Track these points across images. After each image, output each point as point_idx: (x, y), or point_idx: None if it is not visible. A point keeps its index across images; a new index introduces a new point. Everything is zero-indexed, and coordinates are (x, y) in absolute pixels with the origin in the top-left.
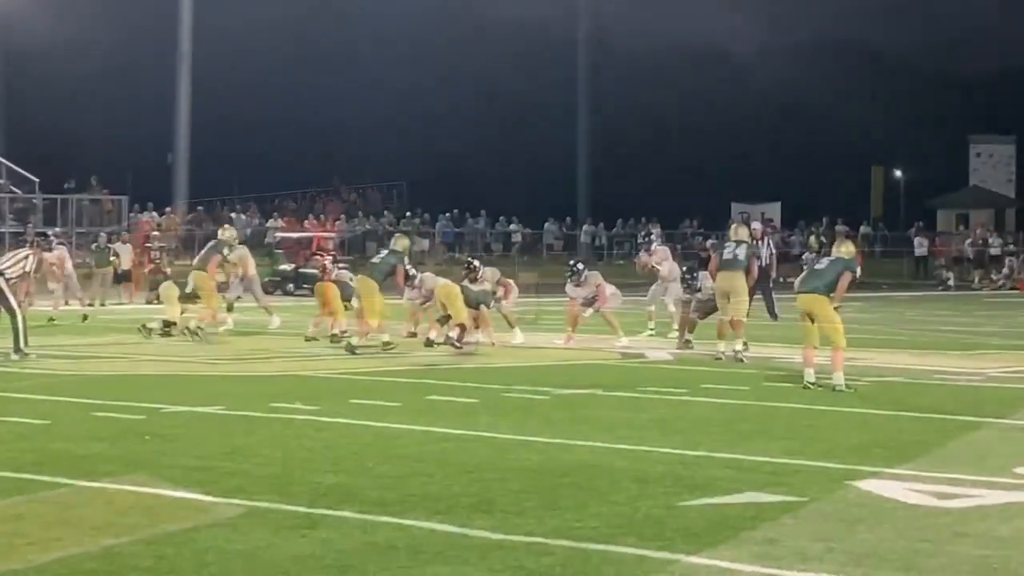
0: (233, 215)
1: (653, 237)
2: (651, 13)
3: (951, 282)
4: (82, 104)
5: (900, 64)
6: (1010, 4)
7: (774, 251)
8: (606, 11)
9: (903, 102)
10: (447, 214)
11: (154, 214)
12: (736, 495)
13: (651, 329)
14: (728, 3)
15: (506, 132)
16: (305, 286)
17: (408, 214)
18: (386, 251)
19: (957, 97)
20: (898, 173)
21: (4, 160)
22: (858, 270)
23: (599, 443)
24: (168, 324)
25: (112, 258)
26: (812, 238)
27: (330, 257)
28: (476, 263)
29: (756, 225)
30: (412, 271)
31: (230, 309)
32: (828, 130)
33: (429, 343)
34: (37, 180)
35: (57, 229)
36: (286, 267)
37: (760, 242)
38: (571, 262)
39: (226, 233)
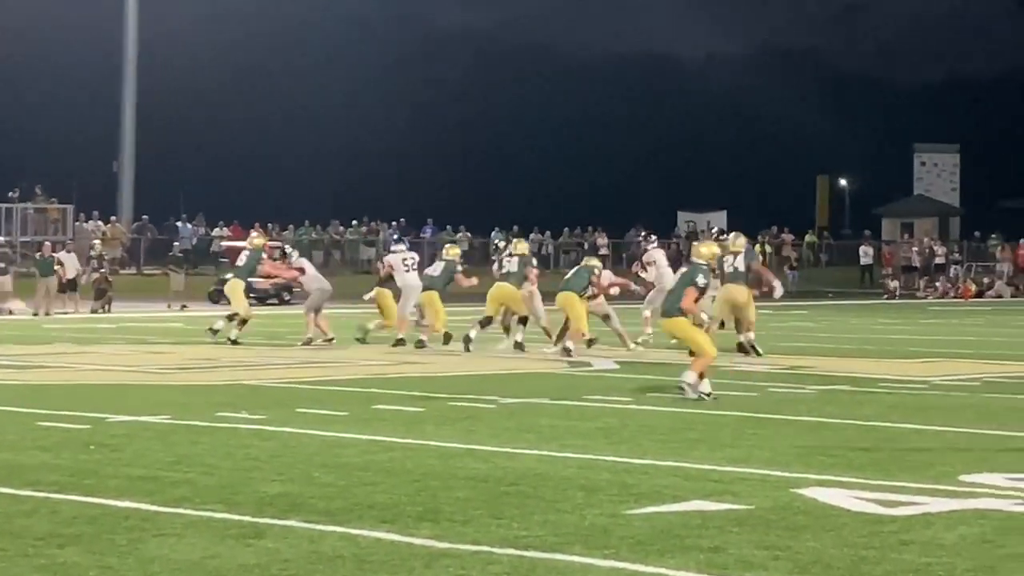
0: (179, 224)
1: (652, 241)
2: (599, 21)
3: (896, 291)
4: (27, 113)
5: (846, 74)
6: (953, 16)
7: None
8: (554, 19)
9: (848, 111)
10: (394, 223)
11: (99, 223)
12: (682, 503)
13: (648, 335)
14: (676, 11)
15: (452, 140)
16: (252, 295)
17: (354, 223)
18: (442, 262)
19: (902, 106)
20: (843, 182)
21: None
22: (700, 279)
23: (545, 452)
24: (233, 317)
25: (56, 267)
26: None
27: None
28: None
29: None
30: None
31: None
32: (774, 139)
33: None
34: None
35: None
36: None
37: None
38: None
39: (256, 240)
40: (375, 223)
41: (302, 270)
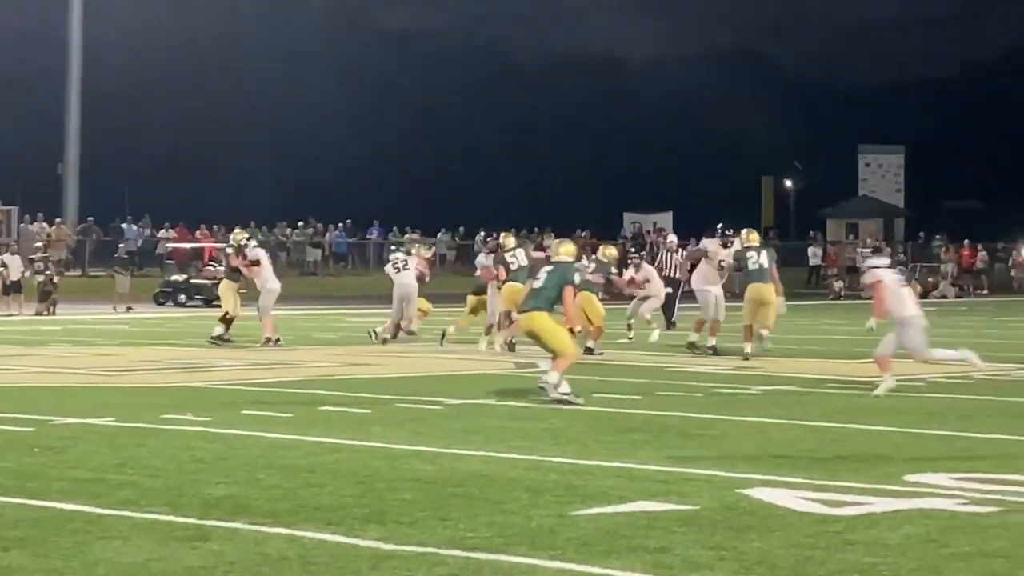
0: (125, 225)
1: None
2: (545, 23)
3: (842, 291)
4: None
5: (791, 75)
6: (896, 19)
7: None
8: (500, 21)
9: (794, 113)
10: (341, 224)
11: (44, 225)
12: (628, 504)
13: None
14: (621, 14)
15: (399, 142)
16: (198, 296)
17: (301, 224)
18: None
19: (846, 108)
20: (788, 183)
21: None
22: (576, 277)
23: (492, 453)
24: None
25: (0, 269)
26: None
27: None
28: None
29: (671, 237)
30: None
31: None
32: (720, 140)
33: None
34: None
35: None
36: (177, 277)
37: (674, 254)
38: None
39: (237, 236)
40: (321, 225)
41: (257, 261)
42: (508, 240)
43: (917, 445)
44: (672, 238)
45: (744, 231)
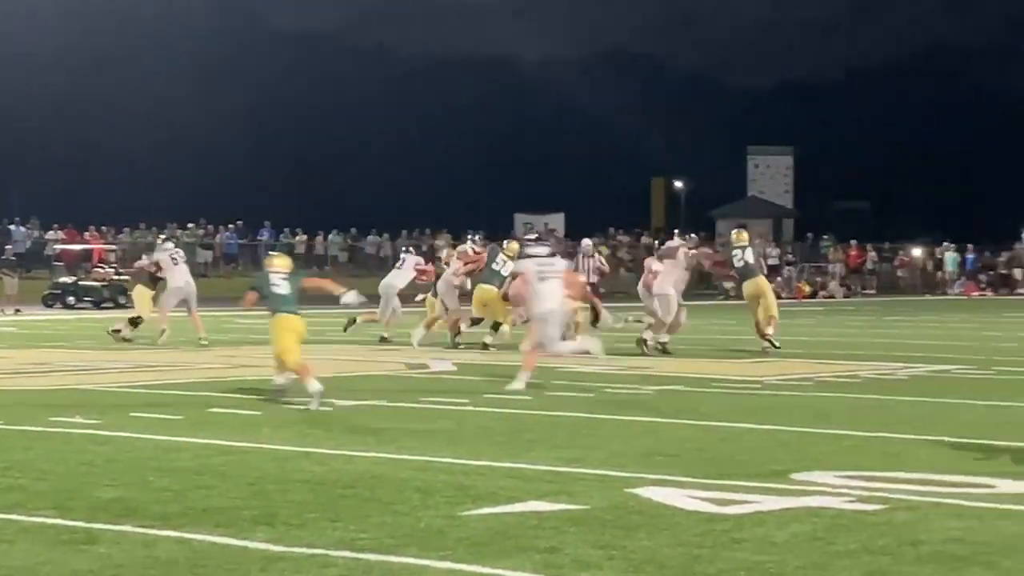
0: (12, 227)
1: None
2: (436, 23)
3: (731, 291)
4: None
5: (681, 77)
6: (786, 20)
7: (605, 265)
8: (390, 21)
9: (684, 114)
10: (231, 225)
11: None
12: (518, 504)
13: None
14: (512, 15)
15: (289, 142)
16: (87, 298)
17: (191, 225)
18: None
19: (736, 109)
20: (679, 184)
21: None
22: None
23: (382, 454)
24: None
25: None
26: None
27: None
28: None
29: (586, 241)
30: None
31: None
32: (611, 141)
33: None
34: None
35: None
36: (66, 279)
37: (591, 259)
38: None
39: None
40: (211, 226)
41: (157, 264)
42: (512, 247)
43: (805, 444)
44: (586, 242)
45: (734, 231)
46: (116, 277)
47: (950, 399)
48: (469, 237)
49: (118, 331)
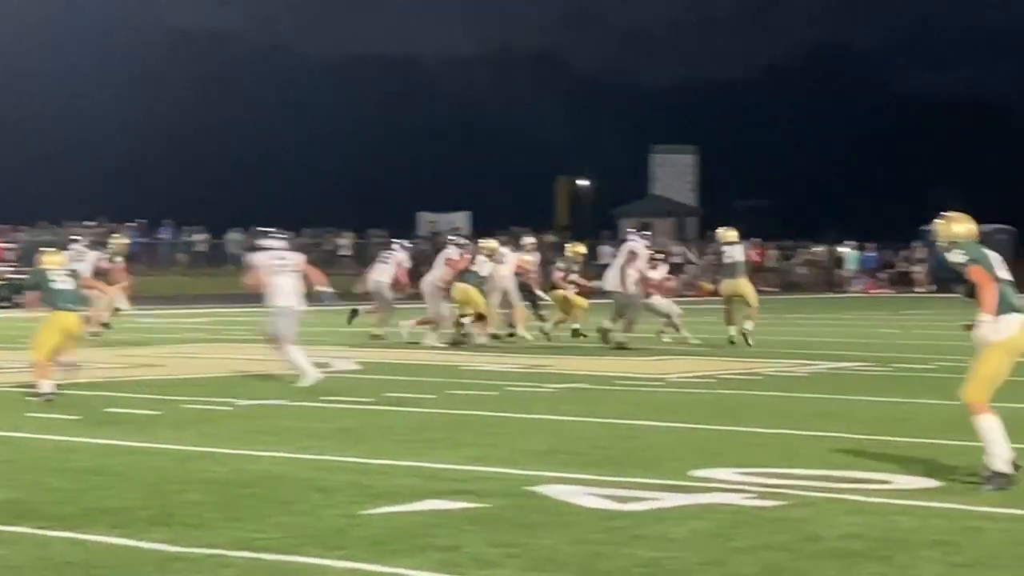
0: None
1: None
2: (337, 21)
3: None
4: None
5: (584, 75)
6: (689, 19)
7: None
8: (291, 19)
9: (588, 113)
10: (132, 223)
11: None
12: (419, 503)
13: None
14: (414, 13)
15: (189, 140)
16: None
17: (90, 223)
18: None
19: (639, 108)
20: (583, 182)
21: None
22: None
23: (282, 453)
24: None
25: None
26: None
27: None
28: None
29: (528, 239)
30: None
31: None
32: (515, 139)
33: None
34: None
35: None
36: None
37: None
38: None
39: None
40: (111, 224)
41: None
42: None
43: (705, 441)
44: (529, 240)
45: (721, 229)
46: (13, 276)
47: (849, 396)
48: (451, 238)
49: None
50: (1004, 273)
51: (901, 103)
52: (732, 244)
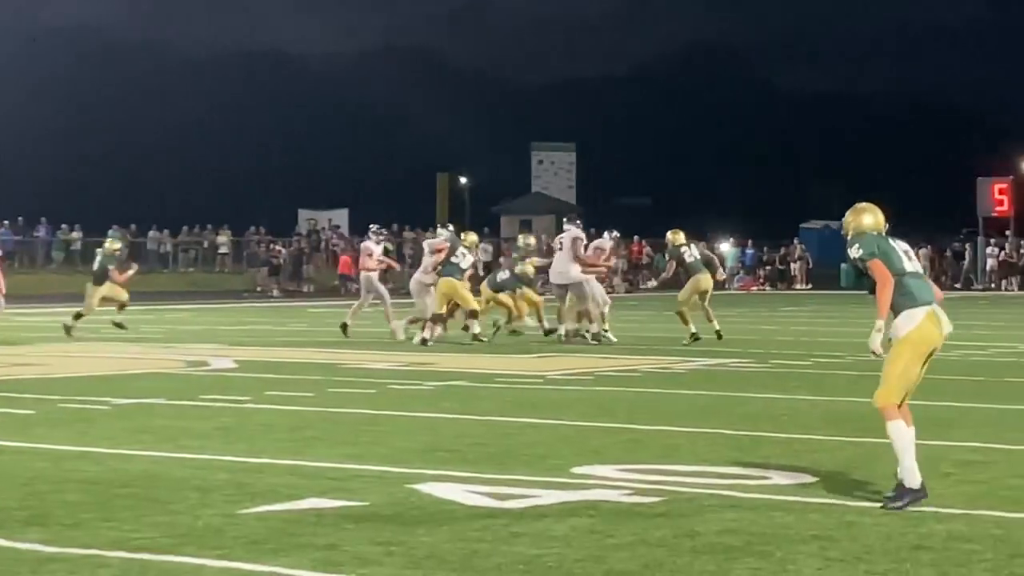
0: None
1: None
2: (215, 17)
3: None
4: None
5: (465, 72)
6: (569, 17)
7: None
8: (168, 15)
9: (468, 110)
10: (6, 222)
11: None
12: (298, 501)
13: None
14: (293, 9)
15: (64, 138)
16: None
17: None
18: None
19: (519, 105)
20: (463, 179)
21: None
22: None
23: (160, 453)
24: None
25: None
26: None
27: None
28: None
29: (443, 233)
30: None
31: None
32: (395, 137)
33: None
34: None
35: None
36: None
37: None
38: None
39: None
40: None
41: None
42: (470, 238)
43: (585, 437)
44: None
45: (670, 233)
46: None
47: (727, 392)
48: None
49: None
50: (912, 265)
51: (778, 100)
52: (685, 245)
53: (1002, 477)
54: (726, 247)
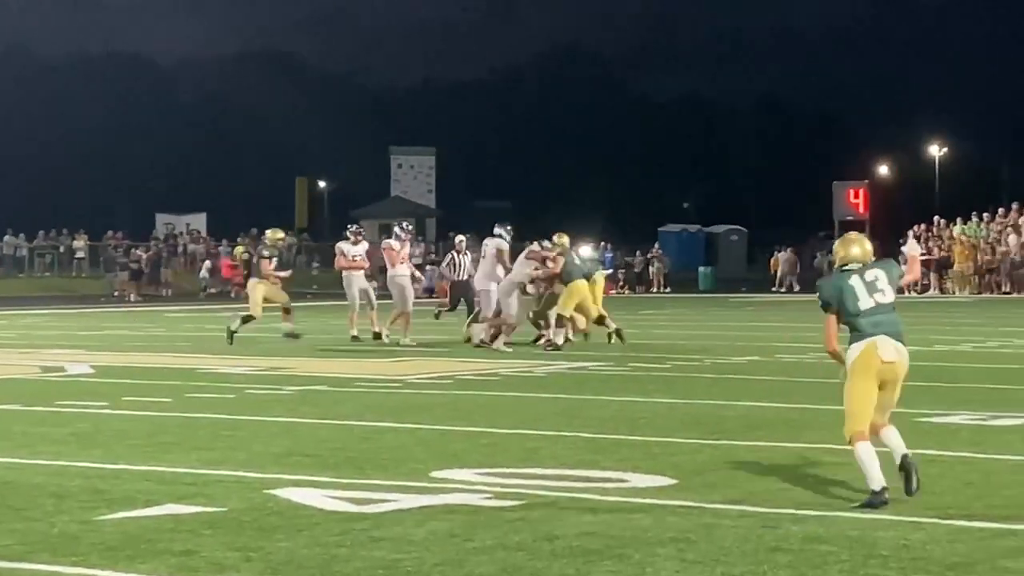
0: None
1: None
2: (71, 19)
3: (376, 289)
4: None
5: (325, 76)
6: (427, 21)
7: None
8: (23, 17)
9: (327, 114)
10: None
11: None
12: (154, 508)
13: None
14: (150, 12)
15: None
16: None
17: None
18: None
19: (378, 109)
20: (322, 184)
21: None
22: None
23: (15, 459)
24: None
25: None
26: (239, 248)
27: None
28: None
29: (460, 238)
30: None
31: None
32: (255, 141)
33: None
34: None
35: None
36: None
37: (463, 256)
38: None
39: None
40: None
41: None
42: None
43: (444, 441)
44: (460, 238)
45: (556, 235)
46: None
47: (586, 395)
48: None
49: None
50: (873, 299)
51: (635, 103)
52: (572, 248)
53: (856, 478)
54: (586, 250)
